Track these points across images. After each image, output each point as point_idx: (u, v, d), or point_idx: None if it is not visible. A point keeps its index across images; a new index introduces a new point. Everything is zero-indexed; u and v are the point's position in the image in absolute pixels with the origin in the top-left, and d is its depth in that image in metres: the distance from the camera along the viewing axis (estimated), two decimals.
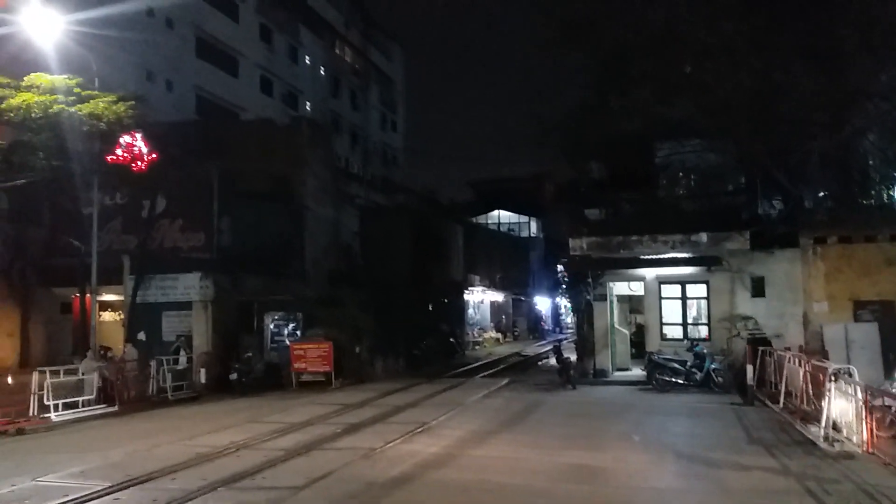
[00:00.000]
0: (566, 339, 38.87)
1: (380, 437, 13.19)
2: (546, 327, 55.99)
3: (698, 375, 19.31)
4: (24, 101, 19.53)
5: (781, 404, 15.41)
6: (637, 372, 22.05)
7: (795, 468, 10.66)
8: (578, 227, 22.87)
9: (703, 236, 20.83)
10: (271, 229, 26.44)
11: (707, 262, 21.11)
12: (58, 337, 24.77)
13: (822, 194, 22.00)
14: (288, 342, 23.31)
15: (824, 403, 12.00)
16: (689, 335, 21.53)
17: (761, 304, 20.69)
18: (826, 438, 11.78)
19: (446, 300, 36.39)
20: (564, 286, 27.88)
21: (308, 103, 46.29)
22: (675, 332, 21.99)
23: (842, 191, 21.60)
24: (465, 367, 28.56)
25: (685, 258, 21.40)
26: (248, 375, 21.40)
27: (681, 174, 23.98)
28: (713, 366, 19.32)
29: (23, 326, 24.26)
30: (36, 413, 16.05)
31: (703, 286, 21.63)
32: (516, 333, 49.37)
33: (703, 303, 21.75)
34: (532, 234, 57.84)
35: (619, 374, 22.45)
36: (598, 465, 11.19)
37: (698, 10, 18.76)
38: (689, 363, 19.56)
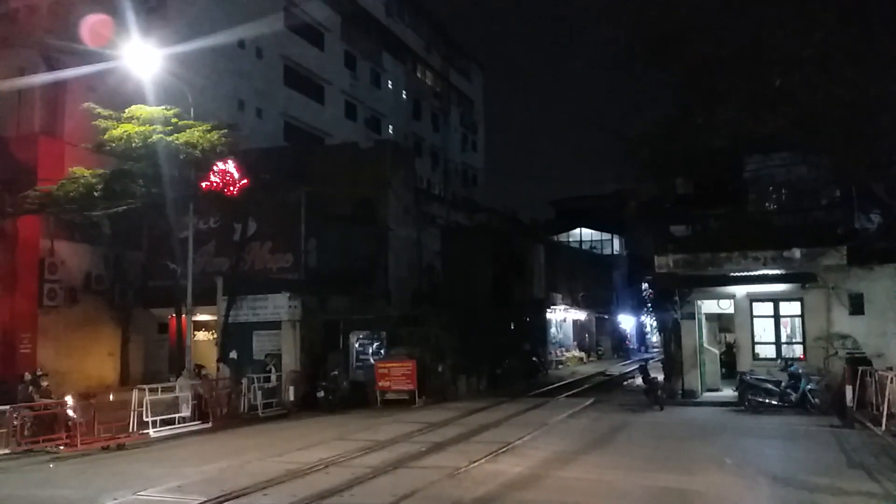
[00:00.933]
0: (652, 358, 37.95)
1: (464, 457, 13.22)
2: (631, 346, 54.90)
3: (793, 396, 18.58)
4: (125, 131, 20.60)
5: (884, 427, 14.69)
6: (728, 393, 21.37)
7: None
8: (664, 244, 22.41)
9: (797, 252, 20.06)
10: (356, 250, 26.98)
11: (801, 278, 20.35)
12: (155, 356, 25.86)
13: None
14: (372, 361, 23.67)
15: None
16: (783, 355, 20.76)
17: (860, 323, 19.78)
18: None
19: (528, 319, 36.18)
20: (650, 304, 27.31)
21: (391, 126, 47.17)
22: (767, 351, 21.25)
23: None
24: (548, 387, 28.28)
25: (778, 275, 20.68)
26: (334, 393, 21.82)
27: (771, 188, 23.22)
28: (809, 386, 18.56)
29: (123, 346, 25.47)
30: (135, 429, 16.79)
31: (798, 304, 20.85)
32: (600, 352, 48.60)
33: (798, 321, 20.93)
34: (615, 252, 57.01)
35: (708, 395, 21.81)
36: (689, 489, 10.90)
37: (789, 22, 18.24)
38: (783, 384, 18.84)
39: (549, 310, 40.45)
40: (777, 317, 21.35)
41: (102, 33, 21.02)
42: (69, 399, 16.19)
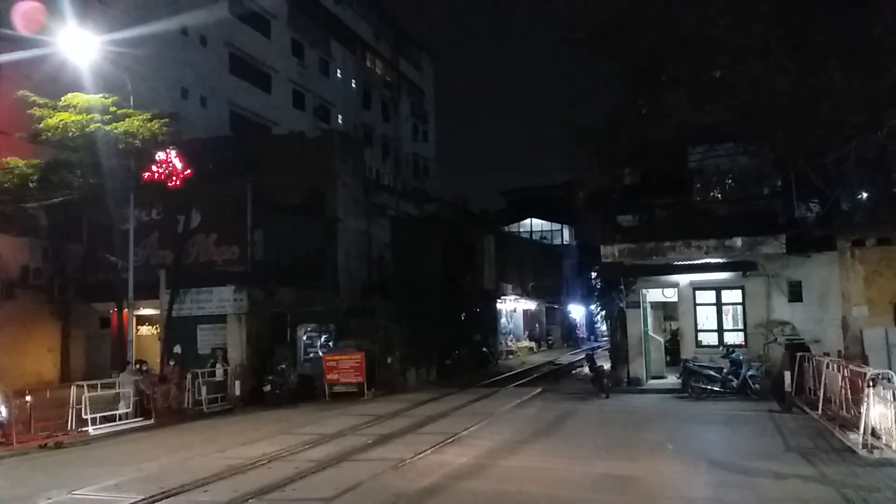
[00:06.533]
0: (601, 347, 38.48)
1: (410, 448, 13.19)
2: (581, 335, 55.50)
3: (735, 383, 18.98)
4: (61, 120, 20.00)
5: (820, 411, 15.06)
6: (672, 380, 21.74)
7: (833, 476, 10.42)
8: (611, 234, 22.63)
9: (738, 241, 20.45)
10: (304, 242, 26.68)
11: (742, 267, 20.76)
12: (97, 351, 25.21)
13: (860, 196, 21.51)
14: (321, 353, 23.43)
15: (863, 409, 11.71)
16: (724, 342, 21.18)
17: (799, 309, 20.28)
18: (865, 445, 11.48)
19: (478, 309, 36.26)
20: (597, 293, 27.63)
21: (340, 116, 46.72)
22: (710, 338, 21.66)
23: (880, 192, 21.07)
24: (498, 377, 28.41)
25: (719, 264, 21.07)
26: (281, 387, 21.57)
27: (715, 178, 23.61)
28: (750, 372, 18.97)
29: (63, 341, 24.74)
30: (74, 427, 16.34)
31: (739, 292, 21.29)
32: (550, 342, 49.00)
33: (739, 308, 21.38)
34: (565, 242, 57.49)
35: (653, 382, 22.15)
36: (632, 475, 11.06)
37: (730, 13, 18.49)
38: (725, 370, 19.23)
39: (499, 300, 40.61)
40: (719, 304, 21.78)
41: (35, 18, 20.31)
42: None
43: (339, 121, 46.34)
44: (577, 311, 56.70)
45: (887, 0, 16.61)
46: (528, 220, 57.00)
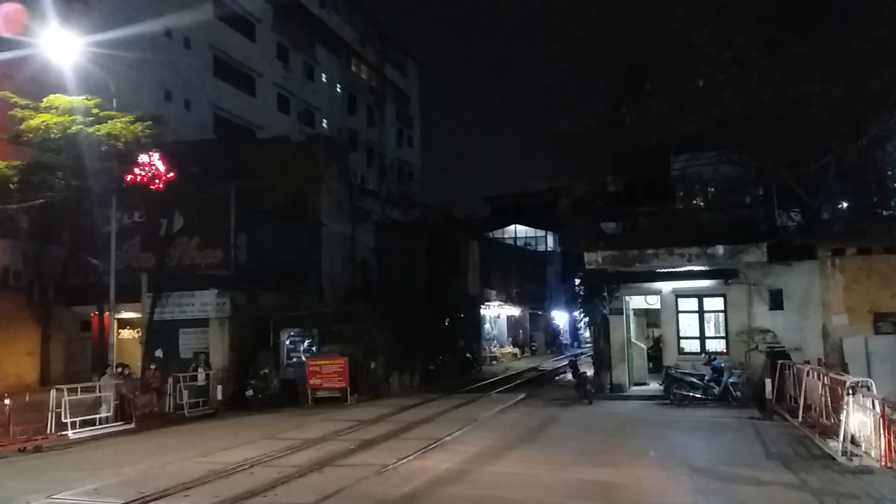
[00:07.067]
0: (584, 353, 38.58)
1: (393, 454, 13.16)
2: (564, 342, 55.66)
3: (716, 390, 19.09)
4: (42, 121, 19.85)
5: (800, 418, 15.20)
6: (654, 386, 21.82)
7: (813, 483, 10.50)
8: (594, 241, 22.74)
9: (720, 249, 20.63)
10: (288, 246, 26.57)
11: (724, 275, 20.91)
12: (77, 355, 24.98)
13: (840, 205, 21.75)
14: (304, 358, 23.35)
15: (843, 417, 11.82)
16: (706, 349, 21.30)
17: (779, 317, 20.44)
18: (844, 453, 11.59)
19: (462, 315, 36.30)
20: (580, 300, 27.70)
21: (324, 120, 46.60)
22: (692, 345, 21.76)
23: (860, 201, 21.32)
24: (481, 383, 28.45)
25: (702, 271, 21.21)
26: (264, 392, 21.49)
27: (697, 186, 23.79)
28: (731, 380, 19.09)
29: (43, 345, 24.52)
30: (53, 431, 16.19)
31: (721, 299, 21.42)
32: (534, 348, 49.12)
33: (721, 316, 21.51)
34: (549, 249, 57.70)
35: (636, 389, 22.23)
36: (614, 482, 11.08)
37: (713, 24, 18.66)
38: (706, 377, 19.34)
39: (483, 305, 40.68)
40: (701, 312, 21.88)
41: (17, 19, 20.13)
42: None
43: (324, 125, 46.21)
44: (560, 318, 56.87)
45: (867, 13, 16.88)
46: (512, 227, 57.22)
